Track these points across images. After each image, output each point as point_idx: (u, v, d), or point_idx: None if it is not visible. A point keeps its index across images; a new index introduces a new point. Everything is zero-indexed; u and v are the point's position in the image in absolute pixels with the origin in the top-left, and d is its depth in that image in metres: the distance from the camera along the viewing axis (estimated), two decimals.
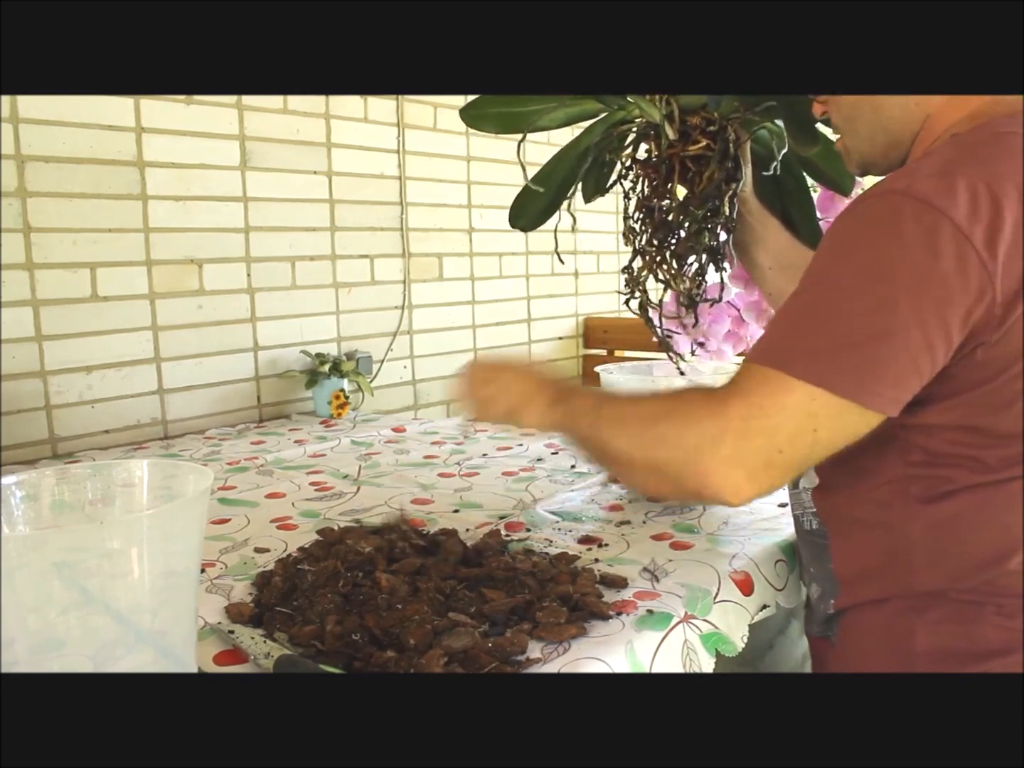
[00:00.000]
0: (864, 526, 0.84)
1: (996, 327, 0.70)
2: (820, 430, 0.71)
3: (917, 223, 0.69)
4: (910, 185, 0.71)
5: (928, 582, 0.80)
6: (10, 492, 0.66)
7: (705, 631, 0.85)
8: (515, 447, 1.61)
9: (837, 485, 0.87)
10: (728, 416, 0.72)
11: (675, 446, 0.74)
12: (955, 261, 0.68)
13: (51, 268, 1.68)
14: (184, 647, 0.65)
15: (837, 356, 0.70)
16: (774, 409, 0.71)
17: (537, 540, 1.06)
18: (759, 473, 0.72)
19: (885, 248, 0.70)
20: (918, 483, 0.79)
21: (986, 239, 0.68)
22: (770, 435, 0.71)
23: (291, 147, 2.08)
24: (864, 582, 0.85)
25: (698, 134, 1.06)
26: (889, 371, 0.70)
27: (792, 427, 0.71)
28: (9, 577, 0.55)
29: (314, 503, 1.27)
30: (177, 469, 0.71)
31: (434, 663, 0.71)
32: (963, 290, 0.69)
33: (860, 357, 0.70)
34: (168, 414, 1.88)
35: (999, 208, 0.69)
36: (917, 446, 0.78)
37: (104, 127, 1.74)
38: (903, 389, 0.71)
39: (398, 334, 2.38)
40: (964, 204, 0.68)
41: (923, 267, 0.69)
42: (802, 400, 0.70)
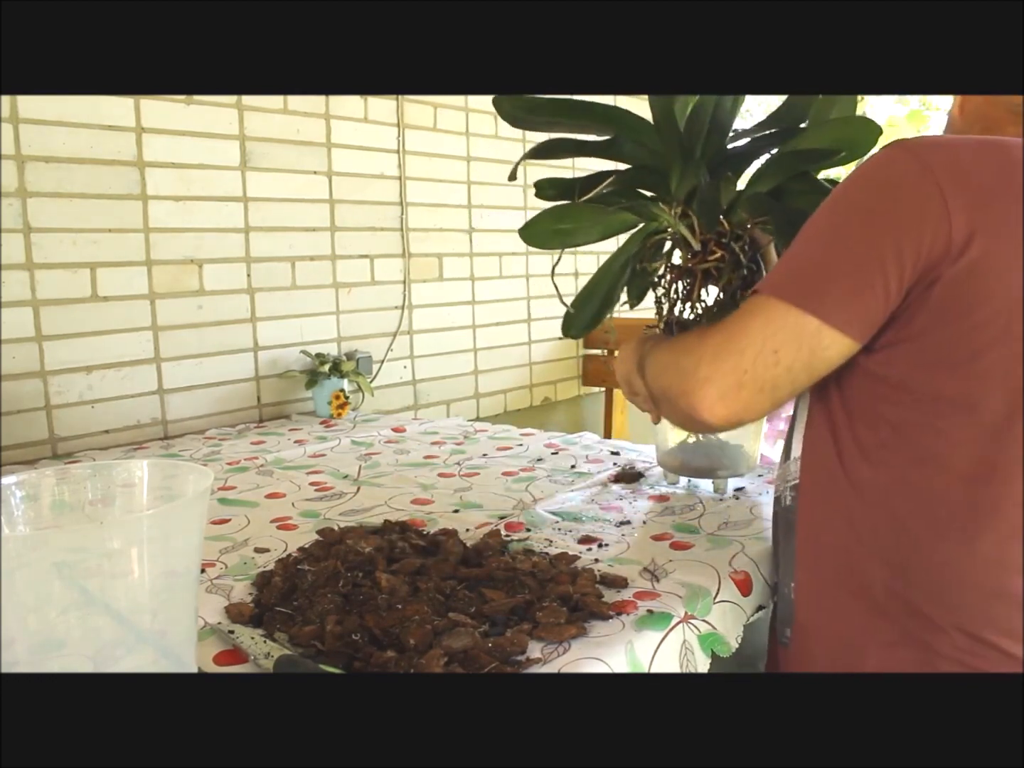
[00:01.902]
0: (827, 501, 0.84)
1: (952, 261, 0.72)
2: (780, 350, 0.76)
3: (894, 163, 0.75)
4: (904, 140, 0.77)
5: (880, 577, 0.79)
6: (10, 492, 0.66)
7: (703, 631, 0.85)
8: (515, 447, 1.61)
9: (819, 451, 0.86)
10: (708, 341, 0.80)
11: (673, 372, 0.84)
12: (913, 188, 0.73)
13: (51, 268, 1.68)
14: (184, 647, 0.65)
15: (796, 274, 0.77)
16: (740, 331, 0.78)
17: (537, 540, 1.06)
18: (730, 393, 0.77)
19: (863, 184, 0.77)
20: (882, 466, 0.79)
21: (950, 173, 0.72)
22: (738, 355, 0.77)
23: (291, 147, 2.08)
24: (817, 563, 0.85)
25: (713, 245, 1.11)
26: (837, 284, 0.75)
27: (755, 347, 0.76)
28: (9, 577, 0.55)
29: (314, 503, 1.27)
30: (177, 469, 0.71)
31: (434, 663, 0.71)
32: (920, 218, 0.72)
33: (817, 273, 0.76)
34: (168, 414, 1.88)
35: (969, 165, 0.74)
36: (879, 414, 0.79)
37: (104, 127, 1.74)
38: (853, 305, 0.74)
39: (398, 334, 2.38)
40: (942, 154, 0.74)
41: (880, 194, 0.75)
42: (763, 320, 0.76)
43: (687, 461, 1.25)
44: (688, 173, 1.11)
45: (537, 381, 2.87)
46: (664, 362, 0.88)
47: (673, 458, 1.26)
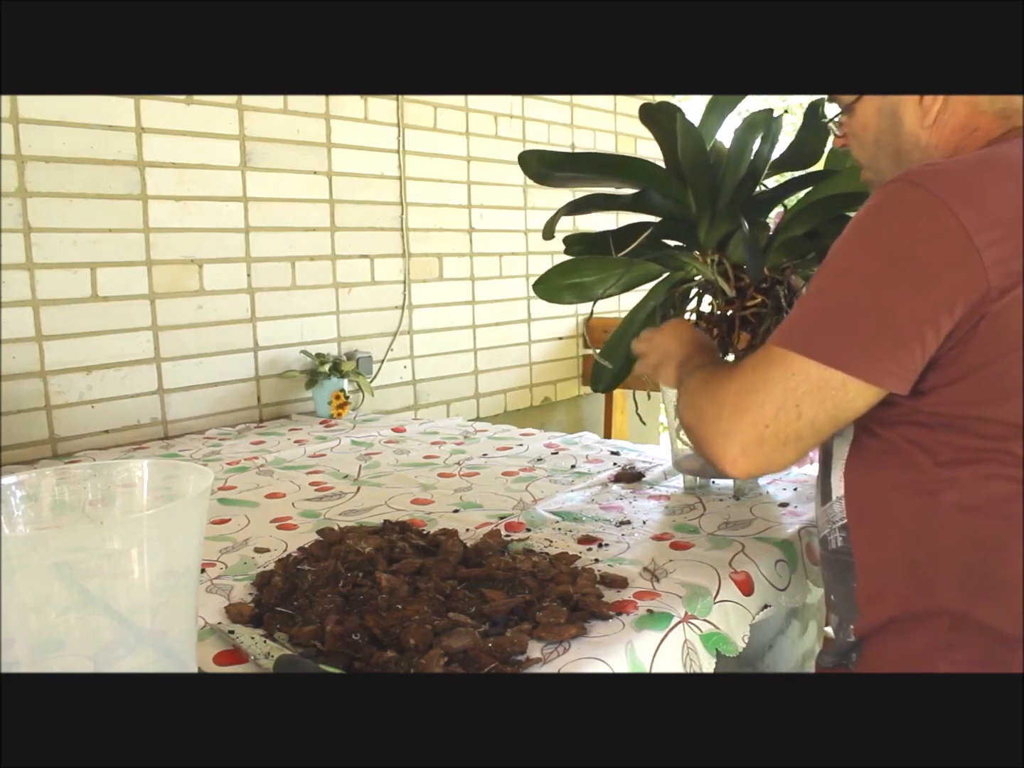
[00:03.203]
0: (890, 534, 0.81)
1: (996, 298, 0.70)
2: (802, 404, 0.74)
3: (905, 201, 0.72)
4: (907, 173, 0.74)
5: (952, 602, 0.76)
6: (10, 492, 0.66)
7: (705, 631, 0.85)
8: (515, 447, 1.61)
9: (867, 490, 0.84)
10: (727, 391, 0.78)
11: (697, 415, 0.81)
12: (940, 235, 0.70)
13: (51, 268, 1.68)
14: (184, 647, 0.65)
15: (818, 326, 0.74)
16: (760, 383, 0.75)
17: (537, 540, 1.06)
18: (752, 448, 0.75)
19: (874, 227, 0.74)
20: (951, 487, 0.76)
21: (975, 213, 0.70)
22: (757, 409, 0.75)
23: (291, 147, 2.08)
24: (883, 599, 0.81)
25: (752, 291, 1.12)
26: (866, 338, 0.72)
27: (776, 401, 0.74)
28: (9, 577, 0.55)
29: (314, 503, 1.27)
30: (177, 469, 0.71)
31: (434, 663, 0.71)
32: (948, 263, 0.70)
33: (839, 326, 0.73)
34: (168, 414, 1.88)
35: (983, 191, 0.71)
36: (943, 442, 0.76)
37: (104, 127, 1.74)
38: (885, 357, 0.72)
39: (398, 334, 2.38)
40: (951, 184, 0.71)
41: (907, 242, 0.72)
42: (783, 374, 0.74)
43: (707, 463, 1.24)
44: (718, 221, 1.13)
45: (537, 381, 2.87)
46: (692, 401, 0.84)
47: (692, 461, 1.26)
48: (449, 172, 2.50)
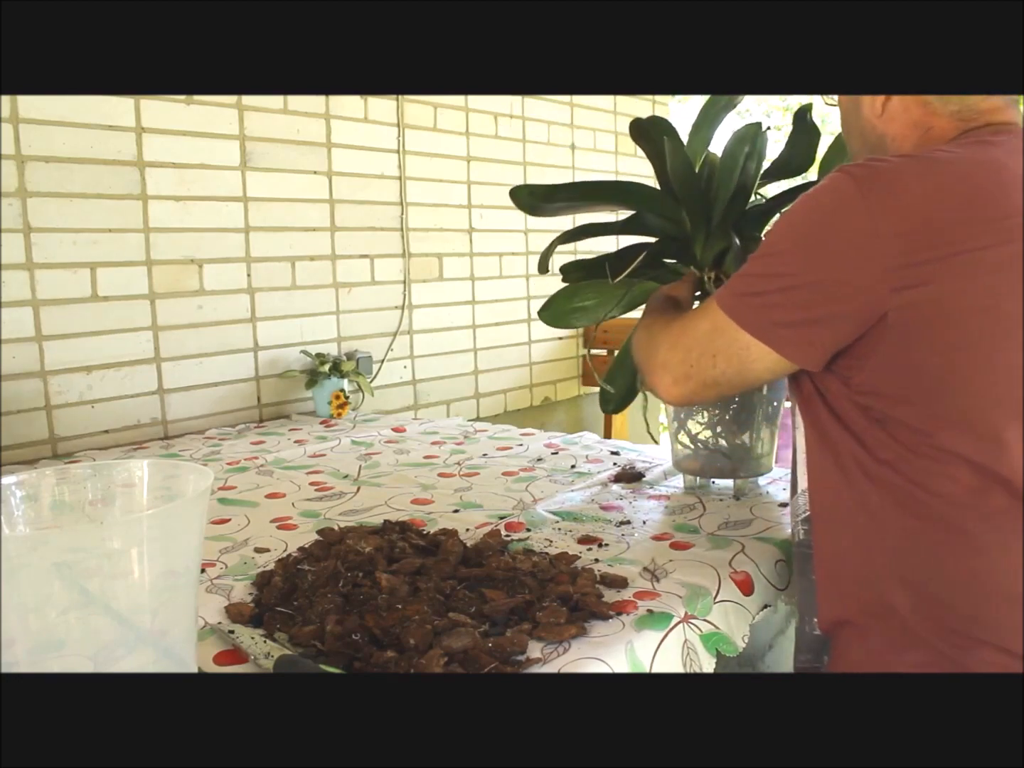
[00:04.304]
0: (842, 531, 0.82)
1: (897, 291, 0.73)
2: (718, 355, 0.83)
3: (835, 190, 0.77)
4: (852, 164, 0.78)
5: (899, 602, 0.77)
6: (10, 492, 0.66)
7: (705, 631, 0.85)
8: (515, 447, 1.61)
9: (823, 485, 0.85)
10: (671, 330, 0.89)
11: (643, 350, 0.94)
12: (851, 230, 0.74)
13: (51, 268, 1.68)
14: (184, 647, 0.65)
15: (740, 290, 0.82)
16: (692, 328, 0.86)
17: (537, 540, 1.06)
18: (681, 380, 0.87)
19: (803, 208, 0.81)
20: (885, 485, 0.77)
21: (889, 212, 0.73)
22: (686, 352, 0.86)
23: (291, 147, 2.08)
24: (839, 595, 0.83)
25: None
26: (774, 305, 0.79)
27: (700, 347, 0.85)
28: (9, 577, 0.55)
29: (314, 503, 1.27)
30: (177, 469, 0.71)
31: (434, 663, 0.71)
32: (852, 258, 0.74)
33: (757, 294, 0.80)
34: (168, 414, 1.88)
35: (906, 191, 0.74)
36: (878, 439, 0.77)
37: (104, 127, 1.74)
38: (788, 327, 0.77)
39: (398, 334, 2.38)
40: (877, 181, 0.75)
41: (823, 231, 0.77)
42: (710, 326, 0.83)
43: (707, 463, 1.24)
44: (713, 238, 1.13)
45: (537, 381, 2.87)
46: (643, 335, 0.97)
47: (692, 461, 1.26)
48: (449, 172, 2.50)
